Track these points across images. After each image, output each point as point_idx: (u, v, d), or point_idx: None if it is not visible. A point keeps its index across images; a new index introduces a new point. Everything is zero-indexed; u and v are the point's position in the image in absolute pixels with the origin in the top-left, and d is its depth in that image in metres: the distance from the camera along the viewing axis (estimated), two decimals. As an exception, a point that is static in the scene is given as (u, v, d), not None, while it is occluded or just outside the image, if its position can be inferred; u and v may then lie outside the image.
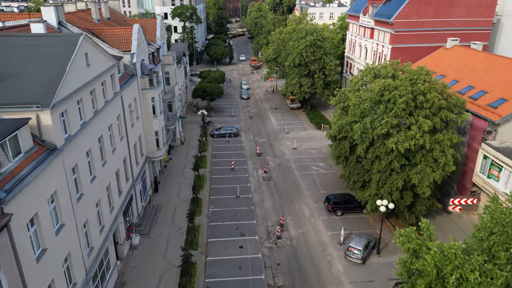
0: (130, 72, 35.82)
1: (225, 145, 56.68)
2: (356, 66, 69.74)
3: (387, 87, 31.50)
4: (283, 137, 59.39)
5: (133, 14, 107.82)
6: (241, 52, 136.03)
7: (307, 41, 63.90)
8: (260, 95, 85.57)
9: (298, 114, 71.02)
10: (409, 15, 54.69)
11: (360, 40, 67.63)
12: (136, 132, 36.33)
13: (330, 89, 67.88)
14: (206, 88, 69.49)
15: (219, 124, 65.24)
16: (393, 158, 31.06)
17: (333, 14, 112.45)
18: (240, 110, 74.32)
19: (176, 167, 48.39)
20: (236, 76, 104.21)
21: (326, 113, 70.75)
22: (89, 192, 24.03)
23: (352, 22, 71.99)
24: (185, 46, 76.80)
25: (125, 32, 37.58)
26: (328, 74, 66.29)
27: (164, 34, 52.43)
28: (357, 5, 72.37)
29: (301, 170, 47.94)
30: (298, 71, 67.17)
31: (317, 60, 65.84)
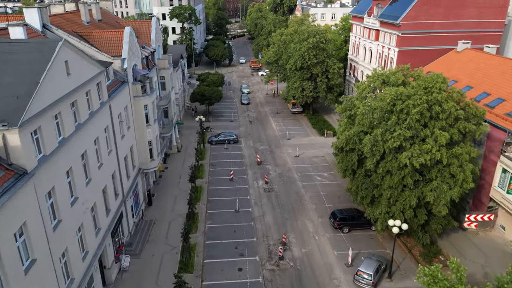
0: (120, 79, 33.21)
1: (224, 152, 54.07)
2: (360, 69, 67.14)
3: (399, 96, 28.88)
4: (285, 144, 56.77)
5: (129, 15, 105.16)
6: (241, 54, 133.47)
7: (309, 43, 61.31)
8: (261, 98, 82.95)
9: (299, 119, 68.41)
10: (417, 16, 52.05)
11: (364, 42, 65.04)
12: (127, 143, 33.72)
13: (333, 93, 65.39)
14: (205, 92, 66.89)
15: (217, 129, 62.63)
16: (406, 174, 28.43)
17: (335, 14, 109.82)
18: (239, 115, 71.73)
19: (172, 177, 45.76)
20: (235, 78, 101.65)
21: (329, 118, 68.14)
22: (69, 217, 21.41)
23: (356, 23, 69.37)
24: (182, 48, 74.19)
25: (116, 36, 34.97)
26: (331, 77, 63.69)
27: (159, 37, 49.84)
28: (361, 6, 69.76)
29: (304, 180, 45.31)
30: (300, 74, 64.58)
31: (319, 63, 63.26)
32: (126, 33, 34.60)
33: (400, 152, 28.72)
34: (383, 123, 30.04)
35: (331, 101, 65.17)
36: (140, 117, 36.60)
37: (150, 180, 42.48)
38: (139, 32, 47.14)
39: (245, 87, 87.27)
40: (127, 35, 34.55)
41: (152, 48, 45.80)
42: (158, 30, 48.90)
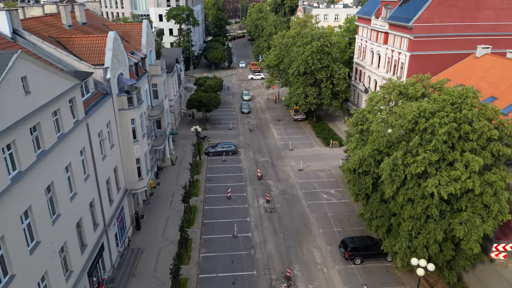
0: (103, 91, 29.26)
1: (221, 165, 50.09)
2: (367, 74, 63.14)
3: (422, 113, 24.90)
4: (287, 155, 52.77)
5: (125, 16, 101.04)
6: (240, 56, 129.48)
7: (313, 47, 57.33)
8: (261, 103, 78.96)
9: (303, 127, 64.41)
10: (430, 18, 48.07)
11: (371, 46, 61.04)
12: (110, 164, 29.75)
13: (338, 100, 61.42)
14: (202, 98, 62.92)
15: (215, 139, 58.65)
16: (431, 203, 24.45)
17: (338, 15, 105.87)
18: (239, 122, 67.74)
19: (164, 195, 41.79)
20: (235, 82, 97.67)
21: (334, 125, 64.14)
22: (27, 267, 17.46)
23: (362, 25, 65.39)
24: (178, 51, 70.22)
25: (98, 41, 31.00)
26: (336, 83, 59.69)
27: (151, 41, 45.91)
28: (367, 7, 65.77)
29: (309, 198, 41.33)
30: (303, 79, 60.61)
31: (324, 68, 59.29)
32: (110, 38, 30.62)
33: (424, 178, 24.75)
34: (402, 143, 26.06)
35: (336, 108, 61.21)
36: (127, 132, 32.61)
37: (139, 200, 38.51)
38: (129, 36, 43.20)
39: (245, 94, 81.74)
40: (111, 41, 30.57)
41: (143, 54, 41.83)
42: (150, 33, 44.98)
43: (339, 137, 57.36)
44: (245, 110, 72.13)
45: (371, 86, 61.07)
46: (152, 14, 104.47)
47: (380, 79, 58.16)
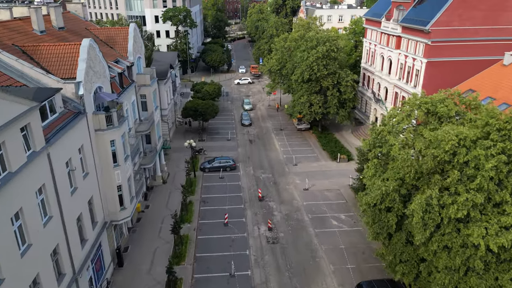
0: (74, 110, 24.55)
1: (218, 183, 45.36)
2: (376, 80, 58.36)
3: (462, 142, 20.16)
4: (291, 171, 48.02)
5: (114, 19, 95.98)
6: (240, 58, 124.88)
7: (318, 52, 52.59)
8: (262, 111, 74.21)
9: (307, 138, 59.65)
10: (450, 21, 43.31)
11: (381, 50, 56.27)
12: (83, 197, 25.05)
13: (346, 109, 56.65)
14: (198, 107, 58.23)
15: (212, 151, 53.94)
16: (474, 254, 19.72)
17: (342, 16, 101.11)
18: (238, 132, 62.99)
19: (153, 221, 37.07)
20: (234, 86, 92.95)
21: (341, 136, 59.38)
22: None
23: (371, 28, 60.65)
24: (173, 56, 65.52)
25: (71, 50, 26.28)
26: (343, 91, 54.92)
27: (140, 46, 41.19)
28: (377, 8, 61.01)
29: (317, 225, 36.61)
30: (308, 87, 55.87)
31: (330, 74, 54.55)
32: (84, 47, 25.88)
33: (465, 223, 20.02)
34: (436, 177, 21.32)
35: (344, 117, 56.45)
36: (105, 156, 27.90)
37: (123, 229, 33.78)
38: (114, 42, 38.49)
39: (246, 102, 74.84)
40: (85, 50, 25.84)
41: (129, 62, 37.10)
42: (138, 38, 40.26)
43: (346, 150, 52.58)
44: (245, 122, 65.49)
45: (381, 93, 56.29)
46: (148, 15, 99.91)
47: (391, 87, 53.40)
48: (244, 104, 74.66)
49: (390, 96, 53.94)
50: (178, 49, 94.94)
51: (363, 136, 58.29)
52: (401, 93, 51.13)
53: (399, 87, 51.45)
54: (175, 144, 56.76)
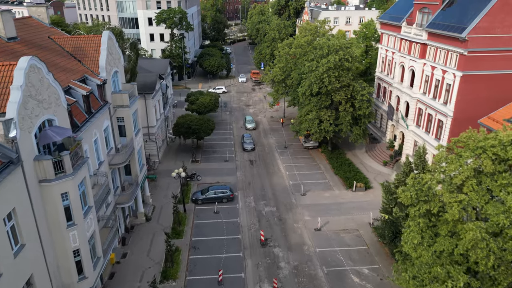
0: (2, 159, 17.33)
1: (212, 220, 38.14)
2: (395, 93, 51.05)
3: None
4: (299, 203, 40.79)
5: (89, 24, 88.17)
6: (240, 62, 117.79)
7: (330, 62, 45.34)
8: (264, 123, 66.94)
9: (316, 158, 52.39)
10: (491, 27, 36.05)
11: (401, 59, 48.98)
12: (16, 279, 17.81)
13: (361, 126, 49.33)
14: (191, 123, 51.04)
15: (207, 176, 46.72)
16: None
17: (350, 19, 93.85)
18: (237, 150, 55.73)
19: (130, 277, 29.84)
20: (234, 94, 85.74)
21: (354, 156, 52.10)
22: None
23: (388, 33, 53.38)
24: (164, 64, 58.30)
25: (1, 74, 19.05)
26: (358, 106, 47.64)
27: (117, 59, 33.93)
28: (395, 10, 53.71)
29: (334, 283, 29.35)
30: (317, 101, 48.58)
31: (343, 87, 47.30)
32: (20, 70, 18.60)
33: None
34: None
35: (358, 136, 49.11)
36: (54, 215, 20.67)
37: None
38: (83, 54, 31.27)
39: (249, 121, 64.30)
40: (22, 74, 18.57)
41: (101, 79, 29.86)
42: (113, 49, 33.00)
43: (362, 176, 45.24)
44: (248, 147, 54.95)
45: (401, 108, 48.99)
46: (141, 17, 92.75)
47: (414, 102, 46.12)
48: (246, 122, 64.58)
49: (412, 112, 46.64)
50: (173, 54, 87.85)
51: (379, 156, 51.03)
52: (426, 110, 43.85)
53: (424, 103, 44.18)
54: (165, 165, 49.60)
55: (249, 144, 55.64)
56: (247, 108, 75.59)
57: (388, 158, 49.90)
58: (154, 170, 48.44)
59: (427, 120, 43.92)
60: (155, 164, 49.05)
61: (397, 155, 49.38)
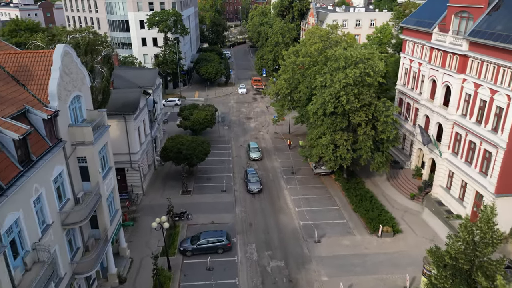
0: None
1: (204, 281, 30.09)
2: (422, 111, 43.01)
3: None
4: (313, 255, 32.79)
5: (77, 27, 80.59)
6: (240, 67, 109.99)
7: (348, 77, 37.40)
8: (267, 141, 59.00)
9: (329, 188, 44.46)
10: (563, 37, 28.11)
11: (432, 72, 41.00)
12: None
13: (383, 152, 41.34)
14: (182, 147, 43.12)
15: (199, 213, 38.80)
16: None
17: (360, 21, 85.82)
18: (236, 176, 47.81)
19: None
20: (233, 104, 77.82)
21: (374, 185, 44.16)
22: None
23: (413, 40, 45.45)
24: (151, 75, 50.29)
25: None
26: (382, 129, 39.65)
27: (80, 79, 25.96)
28: (422, 14, 45.67)
29: None
30: (331, 122, 40.64)
31: (364, 107, 39.38)
32: None
33: None
34: None
35: (380, 164, 41.07)
36: None
37: None
38: (29, 76, 23.31)
39: (254, 149, 52.93)
40: None
41: (49, 111, 21.91)
42: (74, 68, 25.06)
43: (388, 215, 37.22)
44: (253, 188, 43.39)
45: (431, 131, 41.02)
46: (132, 19, 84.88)
47: (449, 125, 38.15)
48: (250, 151, 53.04)
49: (447, 137, 38.68)
50: (167, 60, 79.96)
51: (405, 187, 43.04)
52: (467, 136, 35.87)
53: (463, 127, 36.22)
54: (150, 198, 41.81)
55: (255, 184, 43.95)
56: (247, 122, 67.69)
57: (415, 190, 41.91)
58: (137, 205, 40.53)
59: (468, 149, 35.93)
60: (138, 197, 41.14)
61: (427, 187, 41.37)
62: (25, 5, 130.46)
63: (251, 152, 52.65)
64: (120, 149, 39.59)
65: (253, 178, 44.81)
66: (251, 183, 44.03)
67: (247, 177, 45.19)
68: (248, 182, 44.36)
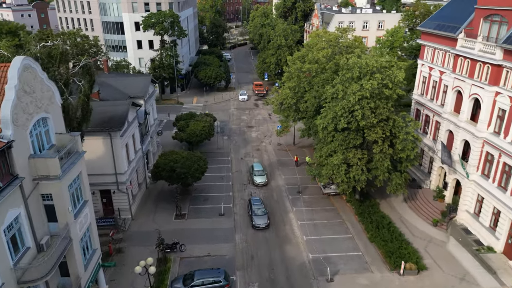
0: None
1: (199, 331, 25.58)
2: (445, 126, 38.38)
3: None
4: (324, 296, 28.26)
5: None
6: (241, 70, 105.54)
7: (364, 89, 32.78)
8: (270, 153, 54.43)
9: (340, 211, 39.84)
10: None
11: (458, 83, 36.35)
12: None
13: (402, 173, 36.67)
14: (175, 165, 38.56)
15: (193, 244, 34.15)
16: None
17: (367, 23, 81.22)
18: (236, 196, 43.23)
19: None
20: (233, 111, 73.29)
21: (390, 208, 39.52)
22: None
23: (433, 45, 40.86)
24: (143, 83, 45.60)
25: None
26: (401, 148, 34.95)
27: (44, 99, 21.38)
28: (444, 16, 40.96)
29: None
30: (343, 138, 35.98)
31: (381, 122, 34.74)
32: None
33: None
34: None
35: (399, 187, 36.39)
36: None
37: None
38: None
39: (258, 172, 45.88)
40: None
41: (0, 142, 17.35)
42: (37, 85, 20.50)
43: (410, 248, 32.49)
44: (259, 223, 36.54)
45: (456, 148, 36.39)
46: (126, 21, 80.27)
47: (478, 143, 33.50)
48: (254, 174, 45.62)
49: (475, 157, 34.03)
50: (163, 64, 75.44)
51: (425, 210, 38.38)
52: (500, 158, 31.23)
53: (496, 147, 31.59)
54: (139, 223, 37.33)
55: (261, 217, 36.85)
56: (249, 131, 63.11)
57: (438, 215, 37.26)
58: (124, 231, 35.94)
59: (502, 172, 31.28)
60: (125, 223, 36.54)
61: (452, 211, 36.69)
62: (18, 6, 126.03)
63: (255, 176, 45.35)
64: (105, 169, 35.13)
65: (259, 210, 37.81)
66: (257, 217, 37.04)
67: (252, 209, 38.09)
68: (253, 215, 37.37)
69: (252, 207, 38.46)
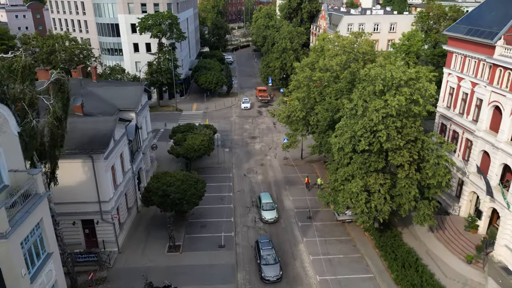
0: None
1: None
2: (479, 146, 33.26)
3: None
4: None
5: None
6: (244, 74, 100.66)
7: (389, 106, 27.77)
8: (275, 169, 49.41)
9: (357, 242, 34.77)
10: None
11: (496, 97, 31.26)
12: None
13: (430, 202, 31.57)
14: (169, 189, 33.58)
15: (188, 284, 29.19)
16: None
17: (379, 25, 76.10)
18: (239, 222, 38.27)
19: None
20: (235, 119, 68.39)
21: (416, 241, 34.39)
22: None
23: (463, 52, 35.77)
24: (134, 94, 40.65)
25: None
26: (431, 174, 29.87)
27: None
28: (477, 20, 35.82)
29: None
30: (362, 161, 30.94)
31: (408, 143, 29.70)
32: None
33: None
34: None
35: (427, 217, 31.32)
36: None
37: None
38: None
39: (266, 205, 38.16)
40: None
41: None
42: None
43: None
44: (270, 274, 29.21)
45: (493, 173, 31.31)
46: (122, 23, 75.32)
47: (523, 169, 28.44)
48: (262, 207, 38.24)
49: (518, 185, 28.97)
50: (161, 68, 70.54)
51: (456, 243, 33.27)
52: (554, 189, 26.16)
53: (548, 177, 26.49)
54: (126, 257, 32.55)
55: (272, 268, 29.56)
56: (252, 142, 58.18)
57: (472, 249, 32.16)
58: (109, 268, 31.01)
59: (556, 207, 26.25)
60: (110, 258, 31.56)
61: (488, 246, 31.60)
62: (13, 6, 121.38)
63: (264, 211, 37.70)
64: (86, 197, 30.33)
65: (269, 256, 30.42)
66: (266, 267, 29.61)
67: (260, 254, 30.75)
68: (262, 264, 29.95)
69: (261, 252, 31.08)
